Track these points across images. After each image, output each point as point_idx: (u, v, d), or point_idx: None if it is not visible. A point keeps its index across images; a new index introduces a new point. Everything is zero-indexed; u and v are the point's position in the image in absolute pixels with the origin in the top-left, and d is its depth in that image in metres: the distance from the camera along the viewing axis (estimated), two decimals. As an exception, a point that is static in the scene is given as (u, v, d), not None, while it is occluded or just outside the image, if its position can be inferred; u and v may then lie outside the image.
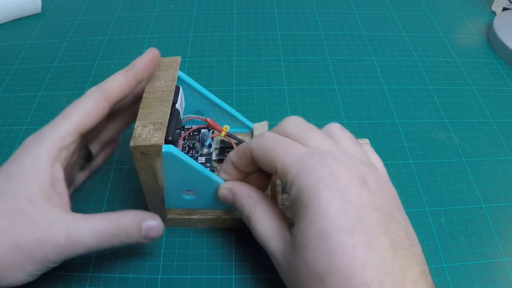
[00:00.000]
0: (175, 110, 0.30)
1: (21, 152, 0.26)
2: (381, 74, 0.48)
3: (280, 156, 0.25)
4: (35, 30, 0.55)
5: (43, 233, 0.24)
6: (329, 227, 0.22)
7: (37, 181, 0.25)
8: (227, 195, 0.29)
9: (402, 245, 0.22)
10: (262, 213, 0.27)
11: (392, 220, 0.23)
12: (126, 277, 0.31)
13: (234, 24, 0.56)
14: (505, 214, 0.35)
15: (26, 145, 0.26)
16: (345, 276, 0.21)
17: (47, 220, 0.24)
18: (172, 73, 0.30)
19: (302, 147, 0.25)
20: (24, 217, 0.24)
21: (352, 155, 0.25)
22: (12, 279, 0.24)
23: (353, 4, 0.60)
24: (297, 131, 0.26)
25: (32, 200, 0.24)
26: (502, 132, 0.42)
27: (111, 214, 0.26)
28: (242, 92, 0.46)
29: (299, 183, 0.23)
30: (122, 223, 0.26)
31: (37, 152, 0.26)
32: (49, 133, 0.26)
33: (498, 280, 0.31)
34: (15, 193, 0.24)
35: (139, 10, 0.59)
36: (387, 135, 0.41)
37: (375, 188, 0.24)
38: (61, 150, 0.26)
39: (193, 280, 0.31)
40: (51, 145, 0.26)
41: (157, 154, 0.26)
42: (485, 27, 0.56)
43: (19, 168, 0.25)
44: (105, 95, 0.28)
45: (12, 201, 0.24)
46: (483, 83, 0.48)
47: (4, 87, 0.47)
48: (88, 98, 0.28)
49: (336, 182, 0.23)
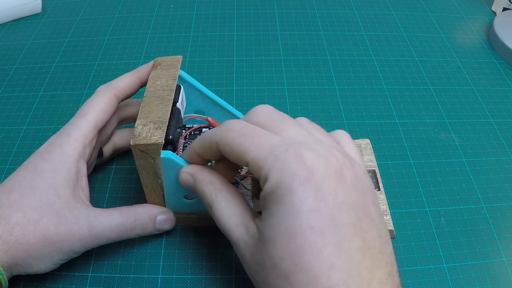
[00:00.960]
0: (176, 109, 0.30)
1: (49, 149, 0.28)
2: (381, 74, 0.48)
3: (250, 149, 0.23)
4: (35, 30, 0.55)
5: (69, 227, 0.26)
6: (299, 227, 0.21)
7: (65, 177, 0.27)
8: (188, 180, 0.27)
9: (373, 244, 0.22)
10: (224, 200, 0.25)
11: (366, 217, 0.22)
12: (126, 277, 0.31)
13: (234, 24, 0.56)
14: (505, 214, 0.35)
15: (52, 142, 0.28)
16: (311, 277, 0.20)
17: (73, 215, 0.26)
18: (173, 72, 0.31)
19: (274, 137, 0.24)
20: (52, 211, 0.26)
21: (329, 143, 0.24)
22: (39, 268, 0.26)
23: (353, 4, 0.60)
24: (268, 121, 0.25)
25: (60, 195, 0.27)
26: (502, 132, 0.42)
27: (129, 209, 0.29)
28: (242, 92, 0.46)
29: (273, 179, 0.22)
30: (138, 218, 0.29)
31: (64, 149, 0.28)
32: (73, 131, 0.28)
33: (498, 280, 0.31)
34: (45, 188, 0.26)
35: (139, 10, 0.59)
36: (387, 135, 0.41)
37: (352, 181, 0.23)
38: (85, 147, 0.29)
39: (193, 280, 0.30)
40: (76, 143, 0.28)
41: (157, 153, 0.27)
42: (485, 27, 0.57)
43: (48, 165, 0.27)
44: (115, 92, 0.31)
45: (42, 196, 0.26)
46: (483, 83, 0.48)
47: (4, 87, 0.47)
48: (101, 96, 0.30)
49: (312, 177, 0.22)
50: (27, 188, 0.26)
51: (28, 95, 0.45)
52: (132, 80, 0.32)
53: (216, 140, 0.25)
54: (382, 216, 0.24)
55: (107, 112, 0.30)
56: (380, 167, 0.38)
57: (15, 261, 0.25)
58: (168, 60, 0.32)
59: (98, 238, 0.27)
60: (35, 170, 0.27)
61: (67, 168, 0.27)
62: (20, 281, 0.30)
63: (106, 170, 0.38)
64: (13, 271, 0.26)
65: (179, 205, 0.31)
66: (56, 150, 0.28)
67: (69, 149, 0.28)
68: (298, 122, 0.26)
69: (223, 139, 0.25)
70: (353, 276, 0.21)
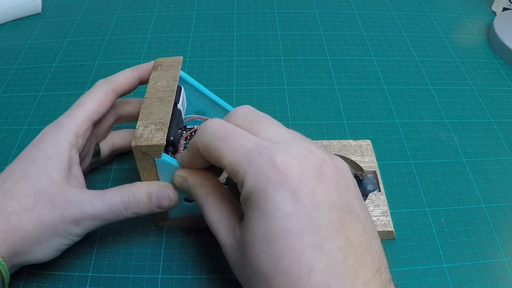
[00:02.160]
0: (176, 110, 0.30)
1: (42, 138, 0.28)
2: (381, 74, 0.48)
3: (225, 153, 0.23)
4: (35, 30, 0.55)
5: (62, 210, 0.26)
6: (276, 231, 0.21)
7: (57, 163, 0.27)
8: (182, 183, 0.28)
9: (358, 241, 0.21)
10: (213, 203, 0.26)
11: (349, 214, 0.22)
12: (126, 277, 0.31)
13: (234, 24, 0.56)
14: (505, 214, 0.35)
15: (45, 131, 0.29)
16: (291, 281, 0.20)
17: (66, 199, 0.27)
18: (174, 73, 0.31)
19: (249, 140, 0.23)
20: (46, 196, 0.26)
21: (308, 142, 0.24)
22: (40, 254, 0.27)
23: (353, 4, 0.60)
24: (246, 121, 0.25)
25: (52, 180, 0.27)
26: (502, 132, 0.42)
27: (124, 187, 0.28)
28: (242, 92, 0.46)
29: (248, 185, 0.22)
30: (133, 195, 0.28)
31: (57, 138, 0.28)
32: (66, 121, 0.29)
33: (498, 280, 0.31)
34: (37, 175, 0.27)
35: (139, 10, 0.59)
36: (387, 135, 0.41)
37: (333, 179, 0.22)
38: (77, 137, 0.29)
39: (193, 280, 0.31)
40: (69, 132, 0.28)
41: (158, 154, 0.27)
42: (485, 27, 0.57)
43: (41, 152, 0.28)
44: (113, 87, 0.31)
45: (35, 182, 0.26)
46: (483, 83, 0.48)
47: (4, 87, 0.47)
48: (98, 89, 0.31)
49: (287, 180, 0.21)
50: (21, 175, 0.27)
51: (28, 95, 0.45)
52: (132, 76, 0.32)
53: (197, 145, 0.25)
54: (367, 210, 0.23)
55: (103, 104, 0.30)
56: (380, 167, 0.38)
57: (14, 249, 0.25)
58: (169, 61, 0.32)
59: (92, 219, 0.27)
60: (28, 158, 0.28)
61: (59, 155, 0.28)
62: (20, 281, 0.30)
63: (106, 170, 0.38)
64: (14, 260, 0.26)
65: (180, 208, 0.32)
66: (49, 138, 0.28)
67: (61, 138, 0.28)
68: (275, 121, 0.26)
69: (201, 142, 0.25)
70: (336, 278, 0.20)
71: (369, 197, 0.34)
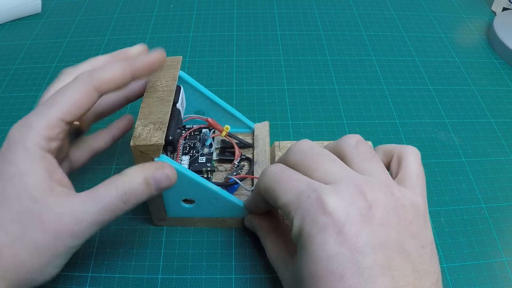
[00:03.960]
0: (176, 109, 0.30)
1: (10, 147, 0.24)
2: (381, 74, 0.48)
3: (280, 195, 0.25)
4: (35, 30, 0.55)
5: (55, 227, 0.23)
6: (319, 272, 0.22)
7: (34, 177, 0.24)
8: (250, 226, 0.32)
9: (405, 281, 0.21)
10: (271, 243, 0.29)
11: (398, 254, 0.22)
12: (126, 277, 0.31)
13: (234, 24, 0.56)
14: (505, 214, 0.35)
15: (12, 139, 0.24)
16: None
17: (55, 213, 0.24)
18: (173, 72, 0.30)
19: (302, 183, 0.24)
20: (33, 218, 0.23)
21: (364, 180, 0.24)
22: (44, 277, 0.24)
23: (353, 4, 0.60)
24: (301, 160, 0.26)
25: (35, 198, 0.24)
26: (502, 132, 0.42)
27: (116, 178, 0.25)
28: (242, 92, 0.46)
29: (297, 226, 0.23)
30: (128, 185, 0.25)
31: (26, 145, 0.24)
32: (36, 123, 0.24)
33: (498, 280, 0.31)
34: (17, 196, 0.23)
35: (139, 10, 0.59)
36: (387, 135, 0.41)
37: (382, 220, 0.22)
38: (50, 141, 0.25)
39: (193, 280, 0.31)
40: (39, 137, 0.24)
41: (157, 154, 0.27)
42: (485, 27, 0.57)
43: (13, 168, 0.24)
44: (96, 85, 0.26)
45: (16, 205, 0.23)
46: (483, 83, 0.48)
47: (4, 87, 0.47)
48: (77, 85, 0.25)
49: (332, 222, 0.22)
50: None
51: (28, 95, 0.45)
52: (122, 75, 0.26)
53: (259, 188, 0.27)
54: (422, 247, 0.23)
55: (80, 106, 0.25)
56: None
57: (17, 283, 0.23)
58: (168, 61, 0.31)
59: (90, 226, 0.24)
60: (1, 177, 0.24)
61: (34, 166, 0.24)
62: (20, 281, 0.30)
63: (106, 171, 0.38)
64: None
65: (179, 209, 0.32)
66: (18, 147, 0.24)
67: (32, 145, 0.24)
68: (340, 148, 0.27)
69: (262, 185, 0.27)
70: None
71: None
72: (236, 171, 0.34)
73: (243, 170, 0.35)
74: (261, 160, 0.35)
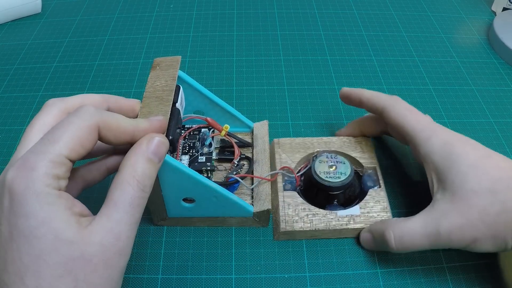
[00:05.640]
0: (175, 109, 0.30)
1: (18, 201, 0.21)
2: (381, 74, 0.48)
3: (410, 122, 0.32)
4: (35, 30, 0.55)
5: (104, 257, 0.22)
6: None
7: (61, 220, 0.21)
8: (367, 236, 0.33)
9: None
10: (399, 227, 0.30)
11: None
12: (126, 277, 0.31)
13: (234, 24, 0.56)
14: (505, 214, 0.35)
15: (15, 190, 0.21)
16: None
17: (96, 244, 0.22)
18: (173, 72, 0.30)
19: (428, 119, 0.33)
20: (79, 262, 0.21)
21: None
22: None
23: (353, 4, 0.60)
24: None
25: (70, 241, 0.21)
26: (502, 132, 0.42)
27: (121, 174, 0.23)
28: (242, 92, 0.46)
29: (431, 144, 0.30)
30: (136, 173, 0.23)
31: (36, 191, 0.21)
32: (38, 163, 0.21)
33: (498, 280, 0.31)
34: (51, 248, 0.21)
35: (139, 10, 0.59)
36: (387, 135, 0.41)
37: None
38: (59, 179, 0.22)
39: (193, 280, 0.30)
40: (47, 177, 0.21)
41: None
42: (485, 27, 0.57)
43: (32, 221, 0.21)
44: (101, 125, 0.24)
45: (56, 257, 0.21)
46: (483, 83, 0.48)
47: (4, 87, 0.47)
48: (81, 121, 0.23)
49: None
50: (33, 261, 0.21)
51: (28, 95, 0.45)
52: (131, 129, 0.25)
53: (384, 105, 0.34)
54: None
55: (85, 145, 0.23)
56: (381, 166, 0.37)
57: None
58: (167, 61, 0.31)
59: (129, 232, 0.23)
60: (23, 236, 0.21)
61: (54, 210, 0.21)
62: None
63: (106, 170, 0.37)
64: None
65: (179, 209, 0.32)
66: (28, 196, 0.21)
67: (42, 188, 0.21)
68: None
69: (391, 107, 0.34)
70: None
71: (369, 193, 0.34)
72: (236, 170, 0.34)
73: (242, 169, 0.35)
74: (261, 159, 0.35)
